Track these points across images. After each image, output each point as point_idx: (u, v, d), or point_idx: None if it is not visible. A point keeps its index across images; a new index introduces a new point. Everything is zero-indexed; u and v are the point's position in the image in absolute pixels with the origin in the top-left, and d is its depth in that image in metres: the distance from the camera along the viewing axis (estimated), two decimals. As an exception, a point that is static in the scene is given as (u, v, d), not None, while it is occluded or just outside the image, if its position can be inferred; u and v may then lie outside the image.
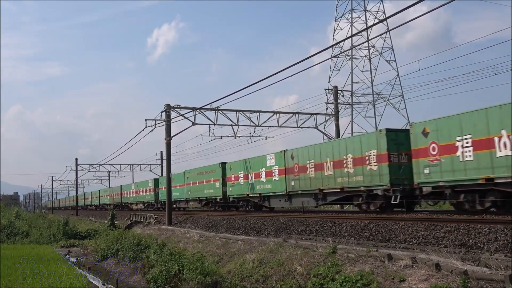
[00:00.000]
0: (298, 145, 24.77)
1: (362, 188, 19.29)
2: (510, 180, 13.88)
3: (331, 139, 30.70)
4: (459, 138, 15.56)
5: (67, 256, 26.38)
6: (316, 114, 31.58)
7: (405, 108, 52.37)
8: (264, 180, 26.29)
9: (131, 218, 36.46)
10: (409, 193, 17.69)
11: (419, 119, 19.59)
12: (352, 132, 48.99)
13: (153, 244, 21.50)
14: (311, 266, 11.28)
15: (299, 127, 31.22)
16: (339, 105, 32.49)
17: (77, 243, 32.90)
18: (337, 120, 31.93)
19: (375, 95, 51.93)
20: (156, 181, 46.69)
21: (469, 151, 15.25)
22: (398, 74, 52.54)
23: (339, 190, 20.68)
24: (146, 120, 28.86)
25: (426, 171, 16.61)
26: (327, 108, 33.75)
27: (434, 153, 16.42)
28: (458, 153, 15.58)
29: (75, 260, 24.81)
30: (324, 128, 35.18)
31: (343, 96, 34.47)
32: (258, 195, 26.91)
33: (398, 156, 18.30)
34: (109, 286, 17.24)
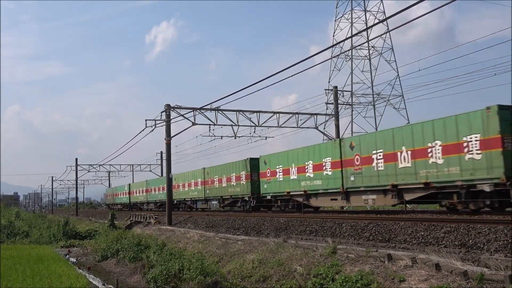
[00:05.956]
0: (298, 145, 25.37)
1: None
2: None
3: (331, 139, 30.70)
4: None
5: (67, 256, 26.38)
6: (316, 114, 31.59)
7: (405, 108, 52.38)
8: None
9: (131, 218, 36.47)
10: None
11: (419, 119, 21.22)
12: (352, 132, 49.00)
13: (153, 244, 21.49)
14: (311, 266, 11.28)
15: (299, 127, 31.23)
16: (339, 105, 32.47)
17: (77, 243, 32.87)
18: (337, 120, 31.93)
19: (375, 95, 51.96)
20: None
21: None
22: (398, 74, 52.57)
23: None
24: (146, 120, 28.90)
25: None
26: (327, 108, 33.79)
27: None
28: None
29: (75, 260, 24.82)
30: (324, 128, 35.23)
31: (343, 96, 34.48)
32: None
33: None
34: (109, 286, 17.23)
